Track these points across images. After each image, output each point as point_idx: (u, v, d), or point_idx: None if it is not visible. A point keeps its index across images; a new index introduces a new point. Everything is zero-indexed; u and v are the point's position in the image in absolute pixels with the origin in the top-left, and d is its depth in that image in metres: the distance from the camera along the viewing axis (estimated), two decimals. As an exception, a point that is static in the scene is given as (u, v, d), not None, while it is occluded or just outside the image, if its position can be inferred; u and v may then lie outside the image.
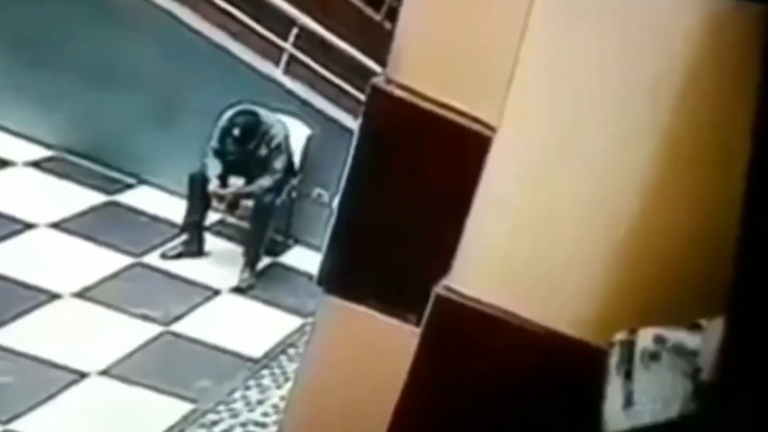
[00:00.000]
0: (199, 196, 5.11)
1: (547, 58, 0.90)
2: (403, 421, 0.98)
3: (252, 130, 5.05)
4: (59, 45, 5.38)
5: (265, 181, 5.13)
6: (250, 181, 5.16)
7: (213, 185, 5.07)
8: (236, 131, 5.02)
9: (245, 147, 5.07)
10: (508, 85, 0.91)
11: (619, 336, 0.81)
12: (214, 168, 5.09)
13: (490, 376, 0.94)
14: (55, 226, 5.08)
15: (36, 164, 5.53)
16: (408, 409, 0.98)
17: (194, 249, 5.19)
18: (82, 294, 4.64)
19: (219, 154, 5.11)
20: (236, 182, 5.16)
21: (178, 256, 5.12)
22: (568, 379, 0.89)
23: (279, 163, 5.15)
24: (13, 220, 4.99)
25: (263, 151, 5.13)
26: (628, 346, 0.80)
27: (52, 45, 5.39)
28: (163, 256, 5.10)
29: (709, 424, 0.71)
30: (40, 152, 5.58)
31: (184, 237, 5.17)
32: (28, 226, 5.01)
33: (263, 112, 5.15)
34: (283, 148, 5.16)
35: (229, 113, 5.09)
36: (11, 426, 3.79)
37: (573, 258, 0.91)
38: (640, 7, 0.87)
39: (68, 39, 5.37)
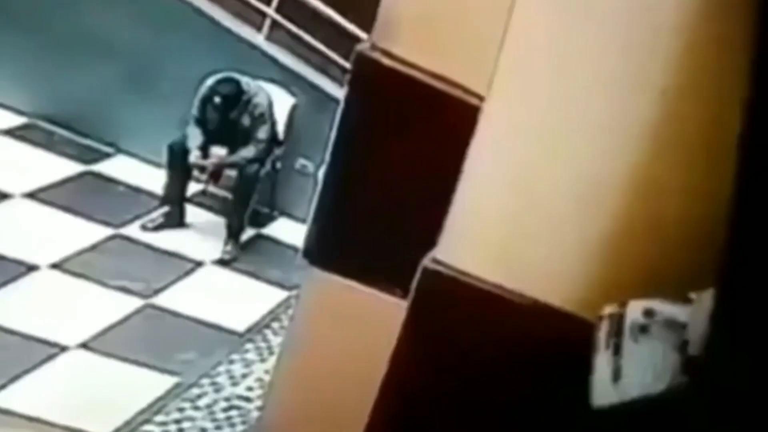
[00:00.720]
0: (179, 167, 5.08)
1: (537, 26, 0.89)
2: (391, 395, 0.99)
3: (234, 98, 5.01)
4: (34, 11, 5.29)
5: (248, 152, 5.10)
6: (232, 151, 5.13)
7: (194, 156, 5.03)
8: (218, 99, 4.97)
9: (227, 116, 5.03)
10: (497, 53, 0.91)
11: (609, 309, 0.82)
12: (194, 138, 5.05)
13: (478, 348, 0.94)
14: (31, 196, 5.03)
15: (9, 132, 5.45)
16: (395, 382, 0.99)
17: (175, 221, 5.17)
18: (60, 266, 4.62)
19: (200, 123, 5.07)
20: (218, 152, 5.12)
21: (159, 227, 5.10)
22: (556, 352, 0.90)
23: (262, 133, 5.11)
24: (-13, 190, 4.94)
25: (246, 121, 5.09)
26: (618, 320, 0.80)
27: (27, 11, 5.29)
28: (143, 227, 5.08)
29: (697, 397, 0.72)
30: (13, 120, 5.50)
31: (164, 208, 5.14)
32: (3, 196, 4.96)
33: (246, 80, 5.10)
34: (267, 117, 5.12)
35: (210, 81, 5.03)
36: (-11, 401, 3.79)
37: (562, 230, 0.92)
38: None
39: (43, 5, 5.28)
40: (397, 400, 0.99)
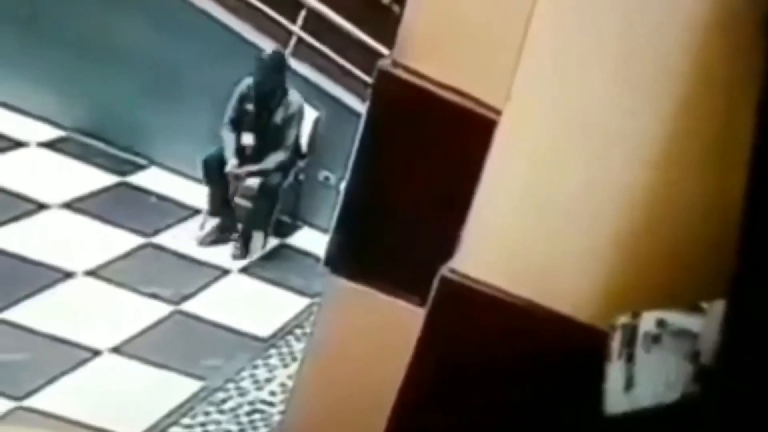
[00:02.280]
0: (217, 179, 5.11)
1: (554, 42, 0.89)
2: (408, 400, 0.99)
3: (276, 83, 5.02)
4: (72, 26, 5.37)
5: (279, 156, 5.12)
6: (261, 144, 5.12)
7: (230, 165, 5.06)
8: (261, 76, 4.98)
9: (265, 103, 5.03)
10: (513, 69, 0.91)
11: (622, 319, 0.81)
12: (230, 144, 5.07)
13: (493, 356, 0.94)
14: (68, 206, 5.09)
15: (49, 145, 5.53)
16: (413, 387, 0.98)
17: (228, 229, 5.17)
18: (94, 273, 4.67)
19: (234, 124, 5.08)
20: (248, 140, 5.10)
21: (215, 241, 5.13)
22: (570, 361, 0.89)
23: (291, 135, 5.13)
24: (26, 200, 5.00)
25: (280, 116, 5.09)
26: (631, 330, 0.79)
27: (66, 26, 5.38)
28: (201, 243, 5.11)
29: (708, 406, 0.71)
30: (53, 133, 5.59)
31: (214, 221, 5.17)
32: (42, 206, 5.03)
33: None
34: (297, 119, 5.14)
35: (247, 80, 5.08)
36: (26, 402, 3.83)
37: (577, 241, 0.91)
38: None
39: (81, 20, 5.36)
40: (414, 405, 0.99)
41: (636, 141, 0.88)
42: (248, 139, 5.11)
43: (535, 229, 0.92)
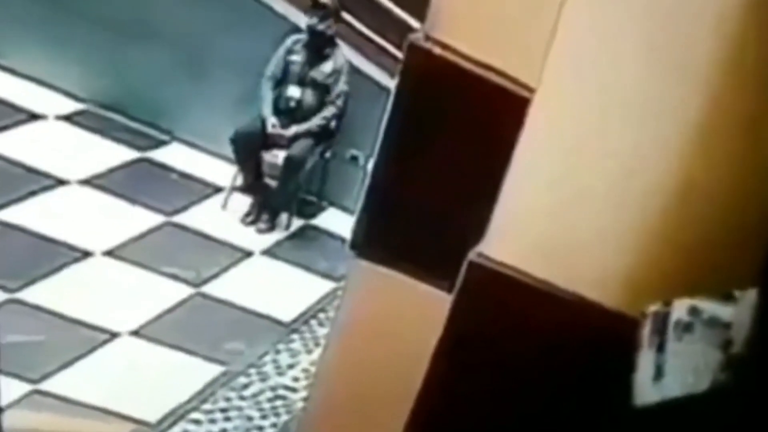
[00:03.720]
0: (246, 157, 5.15)
1: (589, 18, 0.90)
2: (434, 386, 1.01)
3: (326, 37, 5.02)
4: (90, -2, 5.43)
5: (326, 112, 5.16)
6: (306, 97, 5.15)
7: (270, 124, 5.09)
8: (319, 18, 5.00)
9: (319, 48, 5.01)
10: (548, 45, 0.92)
11: (653, 307, 0.82)
12: (268, 103, 5.11)
13: (521, 343, 0.96)
14: (87, 182, 5.17)
15: (68, 118, 5.61)
16: (439, 374, 1.00)
17: (264, 208, 5.23)
18: (113, 252, 4.74)
19: (278, 74, 5.05)
20: (294, 93, 5.14)
21: (255, 221, 5.20)
22: (597, 347, 0.91)
23: (340, 86, 5.15)
24: (44, 175, 5.09)
25: (329, 67, 5.12)
26: (662, 317, 0.81)
27: (84, -2, 5.44)
28: (243, 222, 5.18)
29: (738, 396, 0.72)
30: (72, 106, 5.66)
31: (251, 200, 5.23)
32: (60, 181, 5.11)
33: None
34: (344, 74, 5.17)
35: (296, 36, 5.08)
36: (41, 385, 3.91)
37: (606, 226, 0.92)
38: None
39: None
40: (440, 391, 1.01)
41: (669, 125, 0.89)
42: (294, 91, 5.13)
43: (564, 214, 0.93)
